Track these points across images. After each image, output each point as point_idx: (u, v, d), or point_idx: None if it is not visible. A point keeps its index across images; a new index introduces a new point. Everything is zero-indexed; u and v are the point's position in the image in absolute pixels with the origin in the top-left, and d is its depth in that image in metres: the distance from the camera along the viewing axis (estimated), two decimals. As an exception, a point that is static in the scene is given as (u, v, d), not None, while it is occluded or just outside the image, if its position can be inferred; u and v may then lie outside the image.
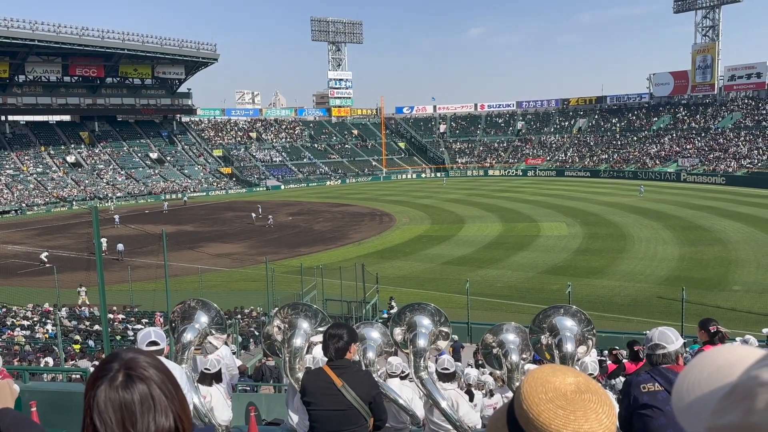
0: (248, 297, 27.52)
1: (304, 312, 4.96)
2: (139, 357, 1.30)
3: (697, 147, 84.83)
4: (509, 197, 63.22)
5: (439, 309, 4.92)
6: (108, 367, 1.27)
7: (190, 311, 4.89)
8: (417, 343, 4.66)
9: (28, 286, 30.90)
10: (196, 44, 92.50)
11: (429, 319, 4.79)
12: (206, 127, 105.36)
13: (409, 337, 4.75)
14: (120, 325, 22.50)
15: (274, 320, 5.13)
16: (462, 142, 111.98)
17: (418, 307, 4.92)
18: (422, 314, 4.83)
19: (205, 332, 4.82)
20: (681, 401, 0.76)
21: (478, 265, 33.47)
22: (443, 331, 4.83)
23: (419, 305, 4.95)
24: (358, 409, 3.86)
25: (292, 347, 4.72)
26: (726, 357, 0.76)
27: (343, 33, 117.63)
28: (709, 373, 0.75)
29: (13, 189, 72.62)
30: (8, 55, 79.23)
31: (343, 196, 72.53)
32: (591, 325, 4.47)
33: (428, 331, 4.73)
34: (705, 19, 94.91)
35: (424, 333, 4.70)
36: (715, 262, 31.31)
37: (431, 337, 4.72)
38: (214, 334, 4.89)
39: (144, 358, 1.30)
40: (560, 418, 1.10)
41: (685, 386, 0.77)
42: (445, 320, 4.90)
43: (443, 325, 4.84)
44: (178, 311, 4.94)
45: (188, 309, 4.91)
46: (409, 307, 4.96)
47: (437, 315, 4.85)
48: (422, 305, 4.94)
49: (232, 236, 46.78)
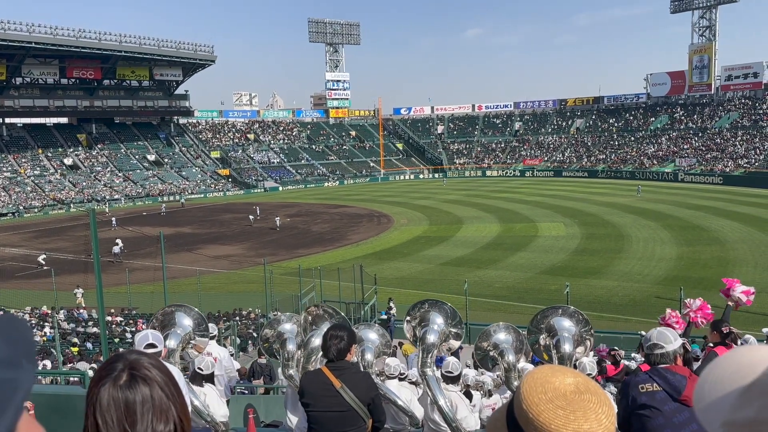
0: (246, 299, 27.50)
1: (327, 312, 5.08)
2: (143, 358, 1.32)
3: (695, 147, 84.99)
4: (507, 198, 63.28)
5: (455, 311, 4.95)
6: (112, 367, 1.28)
7: (170, 316, 4.92)
8: (427, 338, 4.67)
9: (25, 289, 30.86)
10: (193, 46, 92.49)
11: (443, 317, 4.80)
12: (204, 128, 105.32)
13: (420, 332, 4.77)
14: (118, 327, 22.46)
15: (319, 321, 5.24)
16: (460, 142, 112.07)
17: (436, 305, 4.93)
18: (438, 312, 4.84)
19: (188, 336, 4.85)
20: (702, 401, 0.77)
21: (477, 265, 33.48)
22: (454, 332, 4.84)
23: (438, 302, 4.98)
24: (356, 411, 3.85)
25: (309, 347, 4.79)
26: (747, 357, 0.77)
27: (341, 34, 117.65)
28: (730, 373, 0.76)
29: (11, 191, 72.48)
30: (5, 58, 79.13)
31: (341, 198, 72.54)
32: (589, 326, 4.48)
33: (440, 329, 4.74)
34: (702, 20, 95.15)
35: (436, 330, 4.72)
36: (712, 261, 31.36)
37: (442, 336, 4.74)
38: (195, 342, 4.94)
39: (147, 360, 1.32)
40: (560, 418, 1.11)
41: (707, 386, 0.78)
42: (459, 322, 4.92)
43: (455, 326, 4.85)
44: (159, 318, 4.97)
45: (168, 314, 4.95)
46: (429, 302, 4.98)
47: (452, 317, 4.87)
48: (440, 303, 4.97)
49: (230, 238, 46.76)
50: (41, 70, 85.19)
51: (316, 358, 4.81)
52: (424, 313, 4.86)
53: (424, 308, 4.90)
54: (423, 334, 4.73)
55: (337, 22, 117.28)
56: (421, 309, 4.91)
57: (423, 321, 4.82)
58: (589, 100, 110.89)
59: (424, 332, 4.72)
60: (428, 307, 4.92)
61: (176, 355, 4.74)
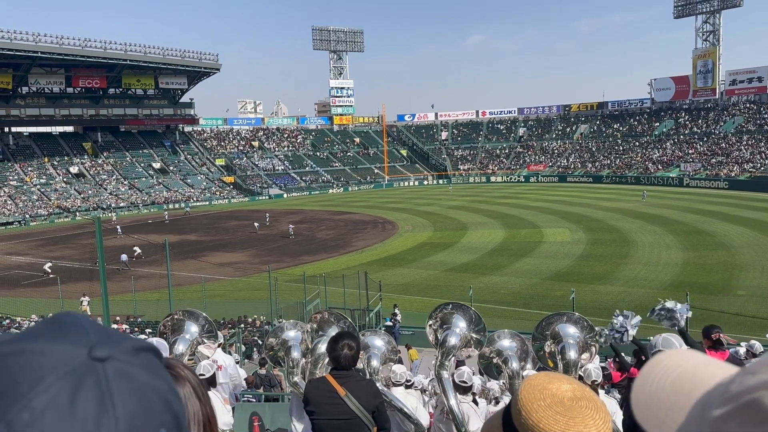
0: (251, 306, 27.52)
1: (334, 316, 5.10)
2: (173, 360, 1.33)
3: (700, 152, 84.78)
4: (512, 203, 63.21)
5: (480, 317, 4.83)
6: None
7: (179, 323, 4.93)
8: (448, 340, 4.62)
9: (31, 297, 30.99)
10: (198, 54, 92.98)
11: (466, 322, 4.74)
12: (209, 136, 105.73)
13: (441, 334, 4.71)
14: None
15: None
16: (464, 148, 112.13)
17: (461, 308, 4.84)
18: (462, 315, 4.75)
19: (196, 342, 4.86)
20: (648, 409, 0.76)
21: (482, 271, 33.43)
22: (475, 338, 4.77)
23: (462, 305, 4.88)
24: (361, 418, 3.85)
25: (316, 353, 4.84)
26: (680, 363, 0.77)
27: (344, 42, 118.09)
28: (672, 380, 0.75)
29: (17, 200, 72.86)
30: (12, 67, 79.74)
31: (346, 204, 72.60)
32: (594, 332, 4.47)
33: (462, 333, 4.68)
34: (705, 24, 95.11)
35: (458, 333, 4.66)
36: (719, 266, 31.22)
37: (463, 340, 4.69)
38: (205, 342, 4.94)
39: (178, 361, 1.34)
40: (560, 424, 1.12)
41: (647, 393, 0.77)
42: (483, 329, 4.79)
43: (478, 332, 4.75)
44: (168, 324, 4.98)
45: (177, 321, 4.96)
46: (454, 304, 4.90)
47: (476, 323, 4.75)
48: (465, 306, 4.87)
49: (235, 245, 46.83)
50: (47, 79, 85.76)
51: (323, 364, 4.81)
52: (447, 315, 4.78)
53: (447, 310, 4.82)
54: (444, 336, 4.65)
55: (341, 30, 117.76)
56: (444, 310, 4.82)
57: (445, 323, 4.74)
58: (593, 106, 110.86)
59: (446, 335, 4.66)
60: (452, 309, 4.83)
61: (184, 360, 4.75)
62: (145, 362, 0.70)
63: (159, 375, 0.71)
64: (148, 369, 0.69)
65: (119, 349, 0.67)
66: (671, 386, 0.74)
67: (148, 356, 0.71)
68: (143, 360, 0.70)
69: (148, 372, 0.68)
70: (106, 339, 0.68)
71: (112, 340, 0.68)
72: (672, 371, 0.76)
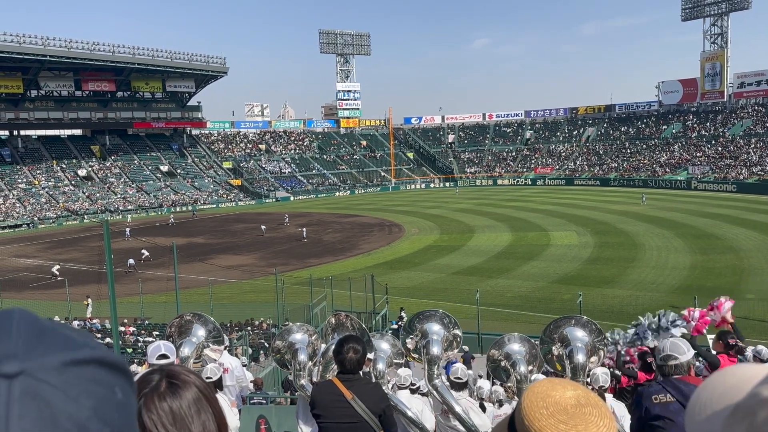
0: (258, 309, 27.56)
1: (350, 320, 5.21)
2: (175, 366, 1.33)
3: (708, 155, 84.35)
4: (519, 206, 63.06)
5: (447, 313, 4.92)
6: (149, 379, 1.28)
7: (187, 325, 4.93)
8: (431, 350, 4.65)
9: (39, 300, 31.13)
10: (205, 58, 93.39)
11: (439, 324, 4.79)
12: (216, 139, 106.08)
13: (422, 345, 4.74)
14: (131, 337, 22.58)
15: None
16: (470, 151, 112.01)
17: (427, 315, 4.92)
18: (432, 321, 4.83)
19: (202, 345, 4.86)
20: (693, 423, 0.78)
21: (488, 275, 33.35)
22: (455, 334, 4.82)
23: (427, 312, 4.95)
24: (367, 422, 3.84)
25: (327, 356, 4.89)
26: (737, 377, 0.78)
27: (351, 45, 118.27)
28: (720, 394, 0.77)
29: (25, 203, 73.30)
30: (21, 71, 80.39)
31: (352, 207, 72.63)
32: (602, 336, 4.45)
33: (440, 337, 4.72)
34: (713, 27, 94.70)
35: (437, 339, 4.69)
36: (727, 270, 31.02)
37: (444, 343, 4.72)
38: (210, 346, 4.94)
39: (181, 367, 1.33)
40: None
41: (698, 407, 0.79)
42: (455, 324, 4.89)
43: (454, 328, 4.83)
44: (175, 326, 4.98)
45: (184, 323, 4.96)
46: (418, 317, 4.97)
47: (446, 318, 4.85)
48: (430, 312, 4.95)
49: (242, 248, 46.93)
50: (56, 83, 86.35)
51: (334, 367, 4.82)
52: (420, 326, 4.84)
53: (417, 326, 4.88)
54: (426, 345, 4.70)
55: (348, 33, 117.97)
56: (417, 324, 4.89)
57: (423, 335, 4.79)
58: (601, 109, 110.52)
59: (427, 343, 4.71)
60: (422, 318, 4.90)
61: (189, 363, 4.76)
62: (71, 381, 0.58)
63: (89, 396, 0.58)
64: (73, 389, 0.57)
65: (39, 363, 0.56)
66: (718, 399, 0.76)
67: (81, 372, 0.59)
68: (69, 378, 0.58)
69: (69, 393, 0.57)
70: (31, 348, 0.57)
71: (37, 352, 0.57)
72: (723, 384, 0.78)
